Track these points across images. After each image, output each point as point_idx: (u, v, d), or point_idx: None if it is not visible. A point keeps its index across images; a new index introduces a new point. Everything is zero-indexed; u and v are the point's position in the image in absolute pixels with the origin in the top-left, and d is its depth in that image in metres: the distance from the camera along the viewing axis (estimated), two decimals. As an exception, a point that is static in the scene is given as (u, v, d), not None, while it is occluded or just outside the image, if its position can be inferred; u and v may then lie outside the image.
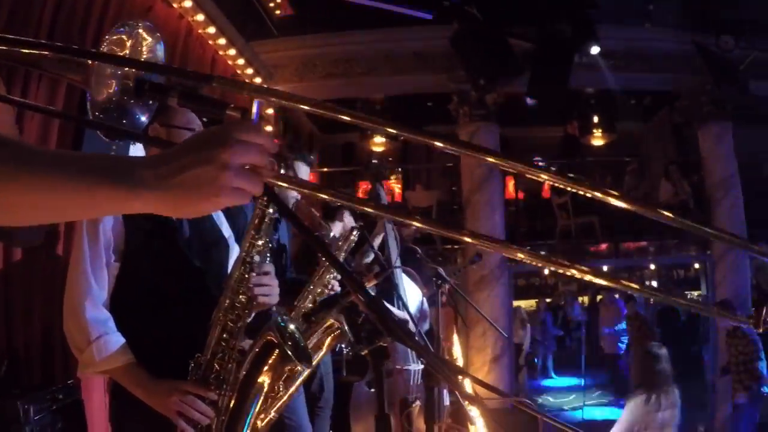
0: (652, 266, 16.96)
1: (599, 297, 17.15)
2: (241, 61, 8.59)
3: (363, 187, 10.92)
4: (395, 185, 15.64)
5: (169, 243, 2.37)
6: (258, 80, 9.24)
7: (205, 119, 1.54)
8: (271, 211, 2.12)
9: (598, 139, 14.69)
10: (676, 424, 5.65)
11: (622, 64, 9.92)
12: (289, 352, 2.07)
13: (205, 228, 2.56)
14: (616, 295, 13.86)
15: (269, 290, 2.27)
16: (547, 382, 15.08)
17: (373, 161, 6.89)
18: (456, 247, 10.50)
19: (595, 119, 14.30)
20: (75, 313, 2.21)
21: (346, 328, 2.09)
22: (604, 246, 11.37)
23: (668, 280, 18.19)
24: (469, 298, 5.50)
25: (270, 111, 9.94)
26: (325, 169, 15.64)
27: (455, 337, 8.27)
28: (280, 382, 2.20)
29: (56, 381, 4.31)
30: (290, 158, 3.85)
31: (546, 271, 18.53)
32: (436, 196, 12.30)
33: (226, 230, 2.69)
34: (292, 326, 2.19)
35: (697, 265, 14.52)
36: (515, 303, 13.32)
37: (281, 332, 2.13)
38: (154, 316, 2.31)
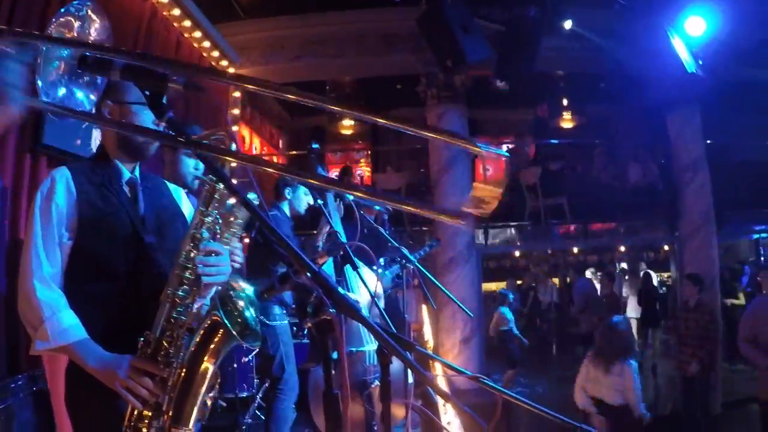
0: (622, 248, 17.10)
1: (568, 279, 17.39)
2: (206, 44, 8.48)
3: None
4: (365, 168, 15.67)
5: (121, 220, 2.34)
6: (224, 63, 9.15)
7: (147, 92, 1.52)
8: (221, 187, 2.11)
9: (567, 122, 14.81)
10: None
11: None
12: (234, 332, 2.07)
13: (163, 204, 2.53)
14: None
15: (216, 269, 2.25)
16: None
17: (313, 145, 6.85)
18: (425, 228, 10.50)
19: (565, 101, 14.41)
20: (28, 292, 2.19)
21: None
22: (573, 227, 11.40)
23: (638, 260, 18.36)
24: (438, 279, 5.50)
25: (237, 94, 9.88)
26: (294, 152, 15.64)
27: (425, 319, 8.30)
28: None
29: (22, 371, 4.28)
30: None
31: (517, 253, 18.64)
32: (405, 179, 12.31)
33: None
34: (241, 303, 2.19)
35: (666, 247, 14.64)
36: (495, 285, 13.40)
37: (226, 310, 2.12)
38: (105, 293, 2.28)
